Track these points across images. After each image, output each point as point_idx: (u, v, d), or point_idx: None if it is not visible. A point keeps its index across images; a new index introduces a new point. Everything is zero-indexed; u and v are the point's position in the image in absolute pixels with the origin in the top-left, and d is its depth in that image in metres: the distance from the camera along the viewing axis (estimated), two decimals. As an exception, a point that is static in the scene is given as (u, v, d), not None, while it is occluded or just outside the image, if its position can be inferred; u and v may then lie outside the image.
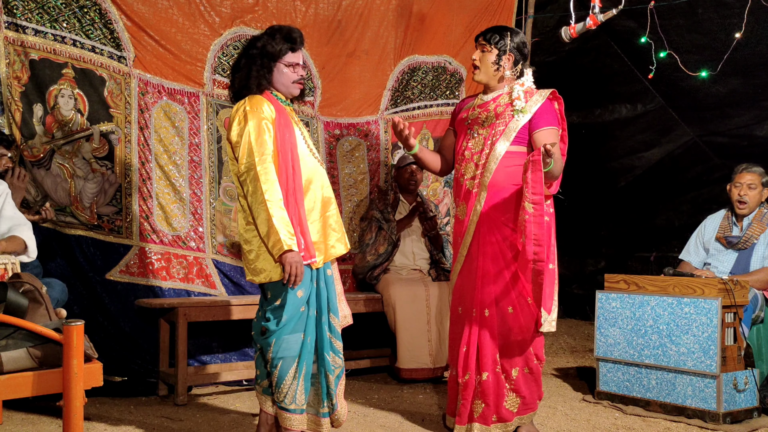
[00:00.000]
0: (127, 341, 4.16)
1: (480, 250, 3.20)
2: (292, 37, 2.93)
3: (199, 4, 4.43)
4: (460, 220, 3.30)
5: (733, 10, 4.65)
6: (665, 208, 6.91)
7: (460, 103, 3.48)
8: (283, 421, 2.90)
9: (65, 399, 2.00)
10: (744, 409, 3.66)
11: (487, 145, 3.20)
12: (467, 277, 3.25)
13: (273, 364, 2.86)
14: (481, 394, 3.16)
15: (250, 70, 2.90)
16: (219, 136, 4.55)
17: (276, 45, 2.90)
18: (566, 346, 6.02)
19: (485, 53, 3.25)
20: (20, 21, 3.89)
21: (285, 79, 2.93)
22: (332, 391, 2.93)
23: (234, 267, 4.54)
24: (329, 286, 2.98)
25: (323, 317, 2.94)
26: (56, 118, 4.03)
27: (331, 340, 2.96)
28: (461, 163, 3.30)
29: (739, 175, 4.23)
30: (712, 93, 5.52)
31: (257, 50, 2.91)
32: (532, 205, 2.96)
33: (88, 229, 4.12)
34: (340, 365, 2.99)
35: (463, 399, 3.18)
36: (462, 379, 3.19)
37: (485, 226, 3.19)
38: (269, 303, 2.88)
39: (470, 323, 3.20)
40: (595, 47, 5.82)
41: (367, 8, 5.01)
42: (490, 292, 3.17)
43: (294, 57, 2.94)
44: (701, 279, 3.76)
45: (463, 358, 3.20)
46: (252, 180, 2.73)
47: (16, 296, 2.16)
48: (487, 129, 3.22)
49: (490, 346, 3.15)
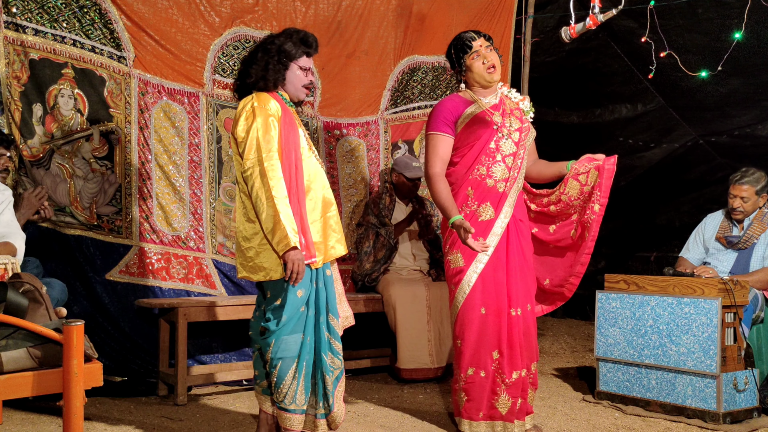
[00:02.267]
0: (127, 341, 4.16)
1: (510, 251, 3.30)
2: (308, 41, 2.97)
3: (199, 4, 4.43)
4: (481, 219, 3.29)
5: (733, 10, 4.64)
6: (666, 208, 6.90)
7: (456, 107, 3.36)
8: (283, 421, 2.90)
9: (65, 399, 2.00)
10: (744, 409, 3.66)
11: (520, 147, 3.34)
12: (492, 277, 3.27)
13: (272, 365, 2.85)
14: (522, 391, 3.29)
15: (268, 64, 2.90)
16: (219, 136, 4.55)
17: (293, 46, 2.92)
18: (566, 346, 6.02)
19: (495, 53, 3.39)
20: (20, 21, 3.89)
21: (296, 81, 2.95)
22: (329, 393, 2.92)
23: (234, 267, 4.53)
24: (328, 286, 2.97)
25: (321, 317, 2.93)
26: (56, 118, 4.03)
27: (330, 340, 2.95)
28: (488, 165, 3.30)
29: (733, 187, 4.18)
30: (713, 93, 5.52)
31: (275, 47, 2.92)
32: (600, 206, 3.33)
33: (87, 229, 4.12)
34: (339, 366, 2.97)
35: (513, 397, 3.25)
36: (510, 378, 3.25)
37: (515, 228, 3.32)
38: (269, 303, 2.88)
39: (505, 323, 3.27)
40: (595, 47, 5.82)
41: (367, 8, 5.01)
42: (522, 292, 3.31)
43: (307, 61, 2.98)
44: (701, 279, 3.76)
45: (509, 357, 3.26)
46: (258, 176, 2.72)
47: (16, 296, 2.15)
48: (517, 132, 3.34)
49: (523, 344, 3.30)
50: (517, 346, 3.27)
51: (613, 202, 7.05)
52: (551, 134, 5.77)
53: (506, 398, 3.24)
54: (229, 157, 4.57)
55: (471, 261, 3.28)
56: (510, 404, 3.25)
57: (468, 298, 3.28)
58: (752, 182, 4.13)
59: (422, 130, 5.26)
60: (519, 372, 3.27)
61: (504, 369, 3.24)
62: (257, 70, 2.90)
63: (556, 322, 7.36)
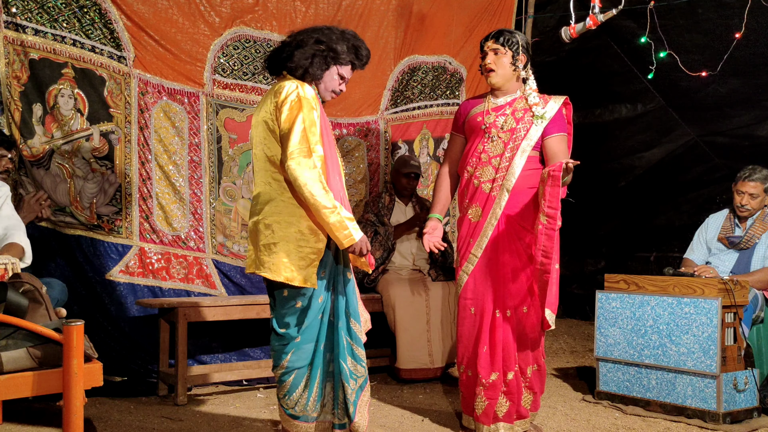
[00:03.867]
0: (127, 341, 4.16)
1: (499, 251, 3.26)
2: (360, 54, 2.87)
3: (199, 4, 4.43)
4: (471, 221, 3.32)
5: (733, 10, 4.64)
6: (665, 208, 6.90)
7: (465, 106, 3.46)
8: (291, 428, 2.85)
9: (65, 399, 1.99)
10: (744, 409, 3.66)
11: (508, 149, 3.26)
12: (482, 278, 3.28)
13: (287, 372, 2.78)
14: (507, 393, 3.24)
15: (315, 57, 2.78)
16: (219, 136, 4.55)
17: (345, 51, 2.82)
18: (566, 346, 6.02)
19: (499, 55, 3.28)
20: (20, 20, 3.89)
21: (330, 84, 2.87)
22: (350, 402, 2.79)
23: (234, 267, 4.54)
24: (349, 290, 2.87)
25: (341, 322, 2.82)
26: (56, 118, 4.03)
27: (352, 346, 2.84)
28: (476, 166, 3.31)
29: (741, 183, 4.17)
30: (712, 93, 5.51)
31: (329, 42, 2.80)
32: (546, 218, 3.04)
33: (87, 229, 4.12)
34: (363, 374, 2.85)
35: (490, 399, 3.22)
36: (488, 379, 3.21)
37: (505, 229, 3.25)
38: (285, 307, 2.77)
39: (491, 323, 3.25)
40: (595, 47, 5.82)
41: (367, 8, 5.01)
42: (510, 293, 3.25)
43: (349, 72, 2.88)
44: (701, 279, 3.76)
45: (487, 358, 3.23)
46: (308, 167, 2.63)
47: (16, 296, 2.15)
48: (507, 133, 3.28)
49: (512, 345, 3.25)
50: (498, 348, 3.22)
51: (613, 203, 7.14)
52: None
53: (482, 399, 3.23)
54: (229, 156, 4.57)
55: (464, 261, 3.32)
56: (485, 406, 3.22)
57: (460, 297, 3.34)
58: (761, 179, 4.14)
59: (422, 130, 5.29)
60: (500, 374, 3.22)
61: (480, 370, 3.22)
62: (301, 58, 2.77)
63: (556, 322, 7.33)
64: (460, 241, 3.38)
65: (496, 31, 3.34)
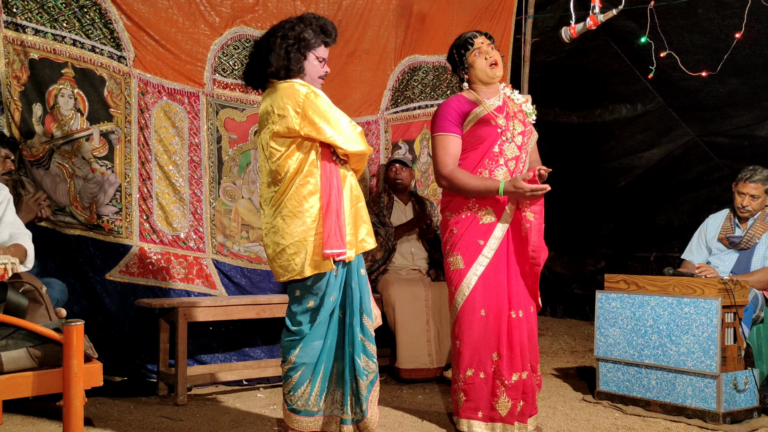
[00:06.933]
0: (127, 341, 4.16)
1: (510, 253, 3.30)
2: (327, 30, 2.83)
3: (199, 4, 4.43)
4: (480, 223, 3.29)
5: (733, 10, 4.65)
6: (665, 208, 6.90)
7: (462, 107, 3.35)
8: (291, 422, 2.86)
9: (65, 399, 2.00)
10: (744, 409, 3.66)
11: (522, 151, 3.33)
12: (492, 279, 3.27)
13: (294, 368, 2.79)
14: (523, 393, 3.27)
15: (289, 53, 2.75)
16: (219, 136, 4.55)
17: (312, 34, 2.78)
18: (566, 346, 6.02)
19: (494, 51, 3.38)
20: (20, 20, 3.89)
21: (313, 71, 2.84)
22: (363, 398, 2.80)
23: (234, 267, 4.54)
24: (362, 286, 2.87)
25: (354, 319, 2.83)
26: (56, 117, 4.03)
27: (364, 342, 2.85)
28: (491, 169, 3.29)
29: (742, 185, 4.16)
30: (712, 93, 5.52)
31: (294, 34, 2.77)
32: (533, 215, 3.19)
33: (87, 229, 4.11)
34: (374, 370, 2.86)
35: (513, 399, 3.24)
36: (510, 380, 3.23)
37: (516, 230, 3.29)
38: (299, 304, 2.79)
39: (506, 325, 3.27)
40: (595, 47, 5.82)
41: (368, 8, 5.01)
42: (522, 294, 3.31)
43: (325, 51, 2.84)
44: (701, 279, 3.76)
45: (509, 359, 3.25)
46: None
47: (16, 296, 2.15)
48: (519, 136, 3.33)
49: (526, 345, 3.30)
50: (517, 348, 3.26)
51: (613, 203, 7.14)
52: (551, 134, 5.77)
53: (506, 400, 3.24)
54: (229, 156, 4.57)
55: (471, 263, 3.28)
56: (510, 406, 3.24)
57: (468, 299, 3.28)
58: (762, 180, 4.13)
59: (422, 130, 5.27)
60: (519, 374, 3.26)
61: (503, 371, 3.24)
62: (277, 58, 2.75)
63: (555, 322, 7.36)
64: (464, 242, 3.30)
65: (478, 31, 3.46)
